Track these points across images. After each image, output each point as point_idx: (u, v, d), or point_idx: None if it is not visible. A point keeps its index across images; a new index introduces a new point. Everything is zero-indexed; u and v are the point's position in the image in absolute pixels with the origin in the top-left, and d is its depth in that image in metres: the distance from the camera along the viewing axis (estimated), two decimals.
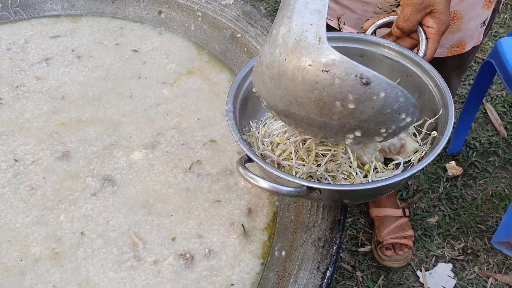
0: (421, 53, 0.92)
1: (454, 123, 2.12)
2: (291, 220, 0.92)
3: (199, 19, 1.30)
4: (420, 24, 0.93)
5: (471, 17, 1.20)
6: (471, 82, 2.37)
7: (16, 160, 1.04)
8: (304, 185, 0.75)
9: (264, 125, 0.92)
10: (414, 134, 0.90)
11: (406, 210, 1.93)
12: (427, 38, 0.92)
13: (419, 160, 0.85)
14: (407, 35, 0.95)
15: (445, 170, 2.11)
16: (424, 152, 0.85)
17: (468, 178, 2.09)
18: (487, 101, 2.31)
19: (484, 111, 2.29)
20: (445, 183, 2.07)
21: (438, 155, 0.78)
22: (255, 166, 0.82)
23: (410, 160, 0.86)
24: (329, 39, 0.96)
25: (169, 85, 1.20)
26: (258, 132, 0.89)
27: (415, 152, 0.85)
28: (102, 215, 0.95)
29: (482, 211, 1.99)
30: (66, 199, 0.98)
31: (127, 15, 1.37)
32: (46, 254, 0.91)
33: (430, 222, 1.97)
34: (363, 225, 1.99)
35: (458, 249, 1.91)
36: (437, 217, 1.98)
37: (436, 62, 1.29)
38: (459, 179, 2.08)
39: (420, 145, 0.87)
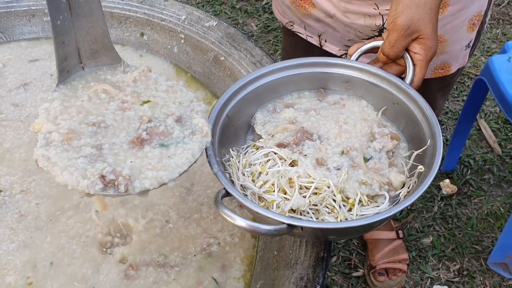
0: (408, 80, 0.88)
1: (447, 144, 2.09)
2: (273, 255, 0.87)
3: (182, 41, 1.27)
4: (407, 50, 0.89)
5: (455, 40, 1.18)
6: (464, 98, 2.35)
7: (0, 191, 1.01)
8: (284, 223, 0.71)
9: (245, 154, 0.87)
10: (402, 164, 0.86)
11: (400, 231, 1.88)
12: (414, 65, 0.89)
13: (407, 193, 0.81)
14: (393, 62, 0.92)
15: (440, 188, 2.07)
16: (411, 185, 0.81)
17: (463, 197, 2.05)
18: (481, 118, 2.28)
19: (478, 127, 2.25)
20: (440, 202, 2.03)
21: (426, 189, 0.74)
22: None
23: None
24: (314, 64, 0.94)
25: None
26: (239, 162, 0.85)
27: (402, 186, 0.81)
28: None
29: (478, 230, 1.95)
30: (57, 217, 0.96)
31: None
32: (20, 284, 0.88)
33: (424, 242, 1.93)
34: (356, 246, 1.94)
35: (453, 271, 1.86)
36: (431, 238, 1.94)
37: (421, 84, 1.26)
38: (453, 197, 2.04)
39: (407, 177, 0.83)
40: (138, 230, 0.97)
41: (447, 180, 2.07)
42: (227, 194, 0.75)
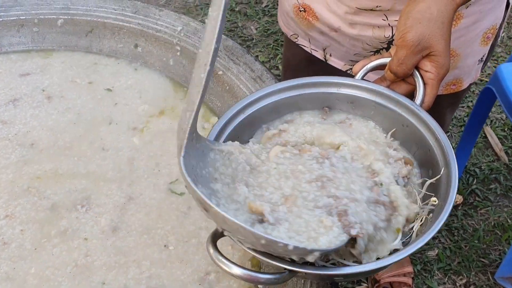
0: (418, 100, 0.83)
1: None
2: None
3: (178, 53, 1.21)
4: (417, 67, 0.84)
5: (468, 54, 1.12)
6: (470, 104, 2.29)
7: None
8: (286, 269, 0.65)
9: None
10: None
11: None
12: (424, 84, 0.83)
13: (420, 226, 0.75)
14: (401, 80, 0.86)
15: None
16: (423, 218, 0.75)
17: (469, 207, 1.99)
18: (487, 125, 2.22)
19: (483, 135, 2.20)
20: None
21: (446, 220, 0.68)
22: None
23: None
24: (317, 84, 0.88)
25: (139, 131, 1.10)
26: None
27: (416, 219, 0.75)
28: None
29: (484, 243, 1.89)
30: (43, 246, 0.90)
31: (101, 49, 1.28)
32: None
33: (430, 255, 1.88)
34: None
35: (460, 286, 1.81)
36: (437, 250, 1.88)
37: None
38: (459, 208, 1.99)
39: (420, 207, 0.77)
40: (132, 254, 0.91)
41: None
42: (223, 234, 0.69)
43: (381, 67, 0.88)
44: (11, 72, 1.24)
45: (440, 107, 1.23)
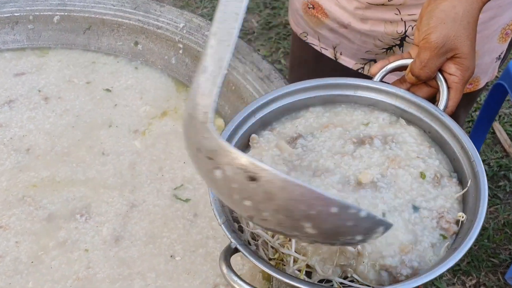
0: (441, 105, 0.77)
1: None
2: None
3: (180, 51, 1.15)
4: (440, 70, 0.78)
5: (486, 51, 1.06)
6: (478, 99, 2.23)
7: None
8: None
9: None
10: None
11: None
12: (448, 87, 0.77)
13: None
14: (423, 83, 0.80)
15: None
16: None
17: None
18: (496, 120, 2.17)
19: (492, 130, 2.14)
20: None
21: (474, 241, 0.63)
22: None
23: None
24: (332, 86, 0.83)
25: (140, 133, 1.05)
26: None
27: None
28: None
29: (494, 242, 1.85)
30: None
31: (100, 46, 1.22)
32: None
33: None
34: None
35: (469, 286, 1.77)
36: None
37: None
38: None
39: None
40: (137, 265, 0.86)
41: None
42: (237, 250, 0.64)
43: (401, 68, 0.82)
44: (5, 71, 1.18)
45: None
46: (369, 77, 0.84)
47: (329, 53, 1.19)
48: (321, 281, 0.68)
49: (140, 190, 0.96)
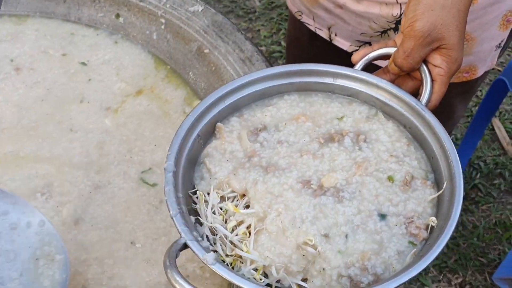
0: (424, 99, 0.72)
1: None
2: None
3: (162, 26, 1.09)
4: (425, 61, 0.72)
5: (485, 38, 1.00)
6: (479, 94, 2.17)
7: None
8: None
9: (219, 186, 0.70)
10: None
11: None
12: (432, 80, 0.72)
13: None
14: (407, 75, 0.75)
15: None
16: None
17: (470, 203, 1.89)
18: (495, 117, 2.11)
19: (491, 127, 2.08)
20: None
21: (443, 248, 0.58)
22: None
23: None
24: (311, 73, 0.77)
25: (112, 111, 1.00)
26: (208, 195, 0.69)
27: None
28: None
29: (484, 241, 1.80)
30: None
31: (80, 17, 1.16)
32: None
33: None
34: None
35: (455, 284, 1.73)
36: None
37: None
38: None
39: None
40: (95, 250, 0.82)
41: None
42: (186, 246, 0.59)
43: (385, 57, 0.77)
44: None
45: (450, 97, 1.12)
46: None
47: (323, 33, 1.14)
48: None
49: (106, 171, 0.92)
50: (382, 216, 0.63)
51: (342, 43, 1.12)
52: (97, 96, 1.02)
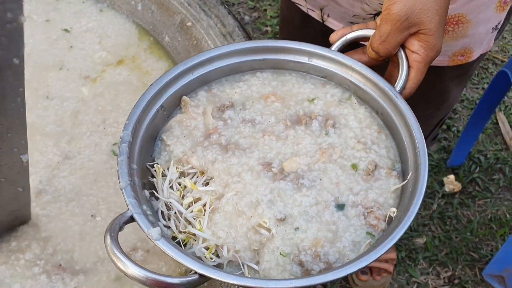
0: (398, 86, 0.68)
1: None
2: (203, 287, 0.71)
3: None
4: (403, 46, 0.69)
5: (480, 20, 0.96)
6: (485, 86, 2.10)
7: None
8: (197, 273, 0.54)
9: (179, 162, 0.68)
10: None
11: None
12: (409, 66, 0.68)
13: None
14: (385, 60, 0.71)
15: (442, 184, 1.87)
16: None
17: (467, 197, 1.85)
18: (500, 110, 2.05)
19: (495, 121, 2.02)
20: (440, 200, 1.84)
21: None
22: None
23: None
24: (285, 50, 0.74)
25: (91, 80, 0.98)
26: (168, 169, 0.67)
27: None
28: None
29: (477, 236, 1.77)
30: None
31: None
32: None
33: (417, 243, 1.76)
34: None
35: (444, 278, 1.70)
36: (425, 238, 1.76)
37: (434, 72, 1.04)
38: (456, 196, 1.85)
39: None
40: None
41: (452, 176, 1.87)
42: (133, 219, 0.57)
43: (364, 39, 0.73)
44: None
45: (444, 79, 1.08)
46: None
47: (316, 14, 1.10)
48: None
49: (78, 142, 0.90)
50: (340, 207, 0.61)
51: (335, 25, 1.08)
52: (77, 64, 1.00)
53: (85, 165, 0.87)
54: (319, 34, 1.10)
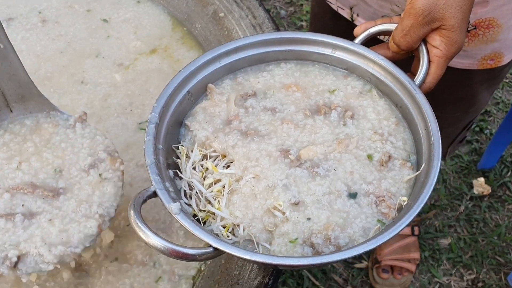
0: (418, 79, 0.70)
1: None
2: (220, 264, 0.74)
3: None
4: (425, 40, 0.70)
5: None
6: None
7: None
8: (211, 246, 0.57)
9: (203, 145, 0.72)
10: None
11: (416, 228, 1.71)
12: (429, 61, 0.70)
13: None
14: (407, 53, 0.73)
15: (471, 186, 1.85)
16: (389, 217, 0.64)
17: (496, 200, 1.83)
18: None
19: None
20: (468, 202, 1.82)
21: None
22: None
23: None
24: (309, 42, 0.76)
25: (124, 67, 1.03)
26: (192, 152, 0.71)
27: None
28: None
29: (504, 241, 1.74)
30: None
31: None
32: None
33: (441, 243, 1.75)
34: None
35: (467, 280, 1.69)
36: (450, 240, 1.75)
37: (462, 74, 1.05)
38: (485, 199, 1.83)
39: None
40: None
41: (482, 179, 1.85)
42: (155, 194, 0.61)
43: (388, 33, 0.75)
44: None
45: (472, 82, 1.08)
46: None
47: (345, 13, 1.11)
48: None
49: (105, 122, 0.95)
50: (352, 195, 0.63)
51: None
52: (112, 52, 1.05)
53: (113, 140, 0.92)
54: (348, 33, 1.12)
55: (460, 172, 1.87)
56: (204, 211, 0.67)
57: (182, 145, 0.71)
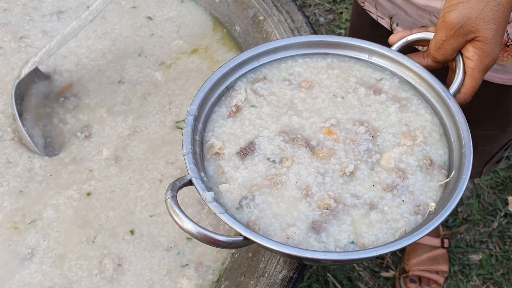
0: (452, 89, 0.70)
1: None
2: (247, 257, 0.76)
3: None
4: (461, 52, 0.71)
5: None
6: None
7: None
8: (242, 235, 0.59)
9: None
10: None
11: (446, 240, 1.69)
12: (464, 72, 0.70)
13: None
14: (442, 64, 0.73)
15: (506, 203, 1.81)
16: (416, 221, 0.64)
17: None
18: None
19: None
20: (502, 219, 1.79)
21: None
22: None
23: None
24: (345, 46, 0.78)
25: (165, 66, 1.06)
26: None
27: None
28: None
29: None
30: None
31: None
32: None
33: (472, 259, 1.72)
34: None
35: None
36: (481, 255, 1.72)
37: (501, 90, 1.04)
38: None
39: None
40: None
41: None
42: (191, 183, 0.64)
43: (423, 42, 0.75)
44: None
45: (509, 100, 1.07)
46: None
47: (385, 22, 1.12)
48: None
49: (144, 119, 0.98)
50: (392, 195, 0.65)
51: None
52: (154, 51, 1.08)
53: (151, 137, 0.95)
54: (386, 42, 1.13)
55: (495, 188, 1.84)
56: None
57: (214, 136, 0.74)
